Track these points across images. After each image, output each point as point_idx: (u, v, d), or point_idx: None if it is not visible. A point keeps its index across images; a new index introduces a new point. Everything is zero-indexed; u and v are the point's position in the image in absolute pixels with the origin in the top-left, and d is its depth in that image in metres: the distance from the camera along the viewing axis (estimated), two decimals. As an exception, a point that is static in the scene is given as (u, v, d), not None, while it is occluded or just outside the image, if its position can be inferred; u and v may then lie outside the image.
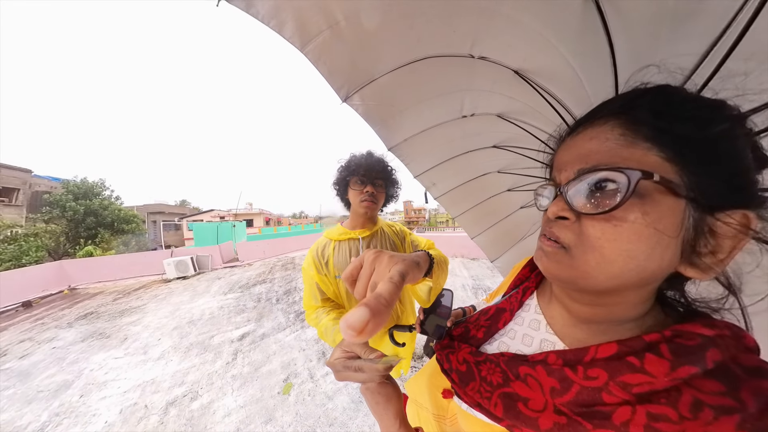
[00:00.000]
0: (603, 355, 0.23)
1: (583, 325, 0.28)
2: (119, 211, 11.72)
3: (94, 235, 10.63)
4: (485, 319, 0.36)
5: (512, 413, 0.25)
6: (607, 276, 0.21)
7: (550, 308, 0.32)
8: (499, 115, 0.97)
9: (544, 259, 0.25)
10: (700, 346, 0.20)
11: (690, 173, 0.19)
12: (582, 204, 0.22)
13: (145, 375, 2.28)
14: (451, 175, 1.43)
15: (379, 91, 0.84)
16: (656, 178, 0.19)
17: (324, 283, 0.85)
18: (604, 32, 0.43)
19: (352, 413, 1.73)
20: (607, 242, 0.21)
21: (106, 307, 4.24)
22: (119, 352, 2.73)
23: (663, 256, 0.20)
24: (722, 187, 0.19)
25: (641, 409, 0.19)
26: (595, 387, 0.22)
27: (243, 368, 2.29)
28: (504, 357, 0.30)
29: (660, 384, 0.20)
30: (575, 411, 0.22)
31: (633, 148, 0.20)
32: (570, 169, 0.24)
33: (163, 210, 22.77)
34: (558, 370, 0.24)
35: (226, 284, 5.25)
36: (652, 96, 0.22)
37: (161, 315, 3.70)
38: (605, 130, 0.22)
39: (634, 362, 0.21)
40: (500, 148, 1.19)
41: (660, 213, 0.19)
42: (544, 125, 0.85)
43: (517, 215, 1.64)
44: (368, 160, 0.86)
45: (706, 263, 0.20)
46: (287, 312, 3.53)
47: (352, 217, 0.91)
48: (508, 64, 0.68)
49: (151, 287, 5.38)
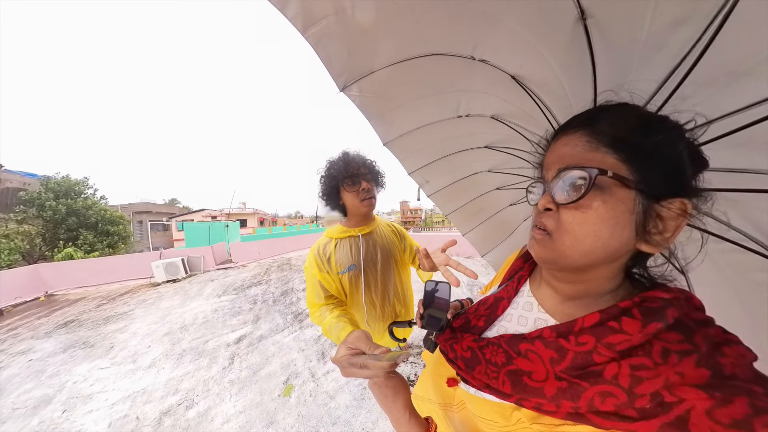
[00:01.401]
0: (589, 323, 0.27)
1: (568, 302, 0.32)
2: (104, 211, 10.76)
3: (76, 237, 9.73)
4: (485, 309, 0.39)
5: (519, 387, 0.28)
6: (580, 253, 0.26)
7: (540, 291, 0.36)
8: (493, 116, 0.98)
9: (535, 246, 0.30)
10: (661, 307, 0.24)
11: (638, 170, 0.24)
12: (560, 196, 0.27)
13: (135, 385, 2.14)
14: (444, 172, 1.44)
15: (379, 83, 0.81)
16: (610, 174, 0.24)
17: (326, 281, 0.85)
18: (589, 52, 0.49)
19: (355, 410, 1.70)
20: (577, 225, 0.26)
21: (89, 314, 3.94)
22: (105, 362, 2.53)
23: (622, 235, 0.25)
24: (663, 180, 0.24)
25: (624, 363, 0.23)
26: (586, 351, 0.25)
27: (241, 372, 2.20)
28: (504, 338, 0.32)
29: (636, 340, 0.24)
30: (573, 374, 0.25)
31: (595, 152, 0.26)
32: (553, 168, 0.28)
33: (150, 209, 21.15)
34: (554, 342, 0.28)
35: (220, 286, 5.03)
36: (611, 112, 0.28)
37: (150, 321, 3.48)
38: (575, 137, 0.27)
39: (614, 325, 0.25)
40: (492, 149, 1.22)
41: (616, 201, 0.24)
42: (535, 128, 0.86)
43: (506, 212, 1.68)
44: (348, 160, 0.86)
45: (656, 240, 0.25)
46: (285, 313, 3.42)
47: (351, 217, 0.92)
48: (506, 69, 0.70)
49: (139, 292, 5.06)
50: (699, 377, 0.20)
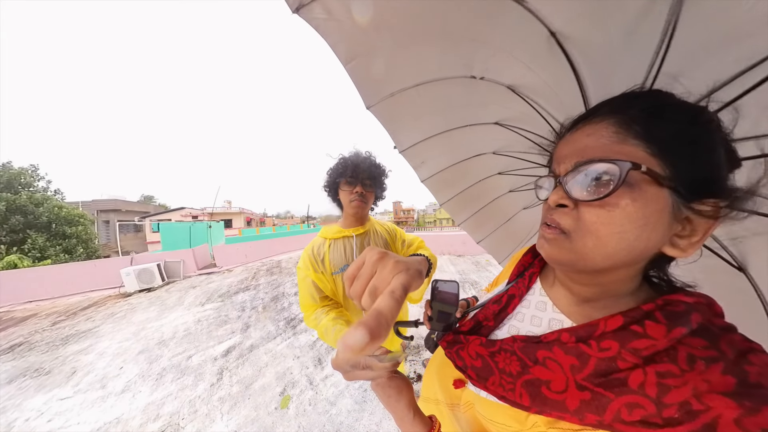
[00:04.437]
0: (612, 327, 0.25)
1: (585, 303, 0.30)
2: (59, 208, 8.64)
3: (22, 240, 7.81)
4: (497, 307, 0.36)
5: (539, 400, 0.26)
6: (603, 256, 0.24)
7: (554, 290, 0.33)
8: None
9: (546, 246, 0.27)
10: (685, 311, 0.23)
11: (672, 167, 0.22)
12: (579, 192, 0.24)
13: (107, 414, 1.83)
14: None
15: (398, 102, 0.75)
16: (644, 169, 0.21)
17: (321, 281, 0.85)
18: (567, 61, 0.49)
19: (358, 414, 1.64)
20: (602, 226, 0.23)
21: (43, 335, 3.32)
22: (66, 391, 2.14)
23: (649, 237, 0.23)
24: (698, 179, 0.22)
25: (650, 370, 0.22)
26: (610, 357, 0.24)
27: (231, 388, 2.00)
28: (518, 343, 0.30)
29: (661, 345, 0.22)
30: (595, 383, 0.24)
31: (624, 144, 0.23)
32: (569, 161, 0.25)
33: (119, 207, 18.09)
34: (574, 347, 0.26)
35: (203, 293, 4.55)
36: (643, 99, 0.25)
37: (121, 338, 3.03)
38: (601, 127, 0.24)
39: (638, 329, 0.23)
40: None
41: (646, 200, 0.22)
42: (556, 111, 0.76)
43: (505, 198, 1.60)
44: (355, 161, 0.86)
45: (684, 244, 0.23)
46: (276, 319, 3.20)
47: (345, 217, 0.92)
48: (502, 81, 0.68)
49: (106, 304, 4.40)
50: (725, 385, 0.19)
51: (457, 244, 5.46)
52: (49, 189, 9.87)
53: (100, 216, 16.67)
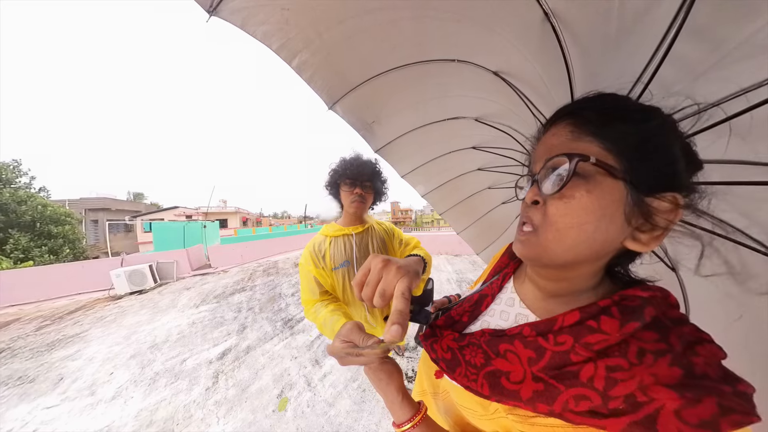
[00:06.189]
0: (568, 322, 0.25)
1: (550, 299, 0.31)
2: (44, 207, 8.12)
3: (3, 241, 7.28)
4: (470, 305, 0.38)
5: (497, 389, 0.27)
6: (564, 248, 0.24)
7: (523, 287, 0.35)
8: (477, 118, 0.97)
9: (519, 246, 0.28)
10: (640, 305, 0.23)
11: (626, 160, 0.22)
12: (546, 188, 0.25)
13: (97, 422, 1.74)
14: (435, 174, 1.44)
15: (362, 98, 0.76)
16: (593, 160, 0.22)
17: (321, 276, 0.87)
18: (560, 47, 0.46)
19: (357, 414, 1.62)
20: (561, 217, 0.24)
21: (27, 340, 3.13)
22: (53, 399, 2.03)
23: (608, 230, 0.23)
24: (654, 173, 0.22)
25: (601, 363, 0.22)
26: (564, 351, 0.24)
27: (228, 391, 1.94)
28: (485, 336, 0.32)
29: (613, 339, 0.23)
30: (549, 375, 0.24)
31: (579, 141, 0.24)
32: (540, 160, 0.27)
33: (109, 206, 16.99)
34: (533, 341, 0.27)
35: (198, 295, 4.40)
36: (596, 101, 0.26)
37: (111, 342, 2.89)
38: (561, 128, 0.26)
39: (593, 324, 0.24)
40: (479, 150, 1.21)
41: (602, 191, 0.22)
42: (520, 126, 0.85)
43: (498, 211, 1.72)
44: (356, 163, 0.88)
45: (646, 238, 0.23)
46: (273, 320, 3.13)
47: (345, 216, 0.95)
48: (489, 66, 0.66)
49: (94, 307, 4.18)
50: (671, 377, 0.20)
51: (454, 244, 5.53)
52: (33, 186, 9.26)
53: (88, 215, 15.79)
